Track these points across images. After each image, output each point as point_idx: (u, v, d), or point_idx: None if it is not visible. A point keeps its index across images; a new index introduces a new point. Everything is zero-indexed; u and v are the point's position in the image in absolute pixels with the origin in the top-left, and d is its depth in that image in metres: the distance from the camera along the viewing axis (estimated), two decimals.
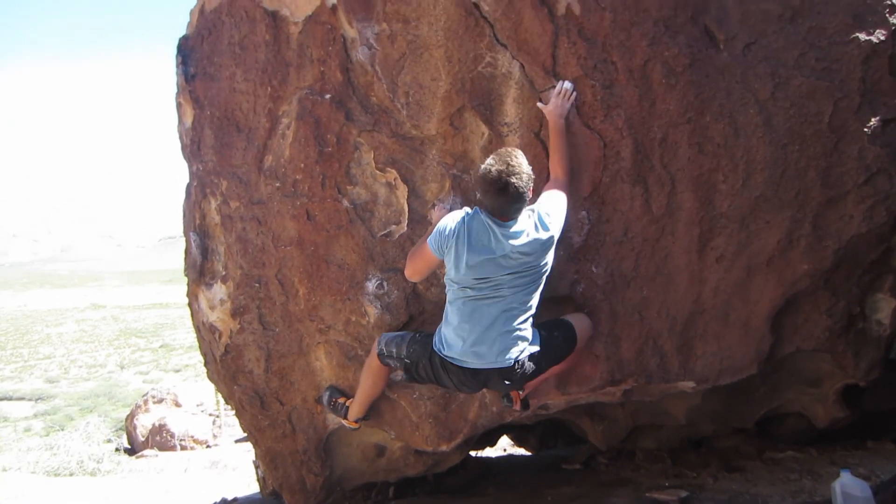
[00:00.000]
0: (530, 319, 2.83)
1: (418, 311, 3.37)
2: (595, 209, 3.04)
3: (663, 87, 2.89)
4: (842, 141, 2.94)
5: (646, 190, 3.01)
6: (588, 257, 3.09)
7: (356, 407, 3.49)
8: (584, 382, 3.29)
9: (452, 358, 2.85)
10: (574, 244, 3.08)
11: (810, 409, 4.19)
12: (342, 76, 3.21)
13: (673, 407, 4.31)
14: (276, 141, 3.42)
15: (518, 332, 2.79)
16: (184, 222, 4.12)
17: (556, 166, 2.90)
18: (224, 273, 3.75)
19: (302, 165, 3.34)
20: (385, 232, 3.30)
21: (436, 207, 3.15)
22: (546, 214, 2.72)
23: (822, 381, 3.92)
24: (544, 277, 2.83)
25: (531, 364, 2.86)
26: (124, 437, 17.81)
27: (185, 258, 4.07)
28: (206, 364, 4.30)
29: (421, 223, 3.23)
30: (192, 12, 3.89)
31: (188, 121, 3.85)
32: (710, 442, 4.96)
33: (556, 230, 2.75)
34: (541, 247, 2.71)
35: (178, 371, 31.71)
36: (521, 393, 3.29)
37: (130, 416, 17.95)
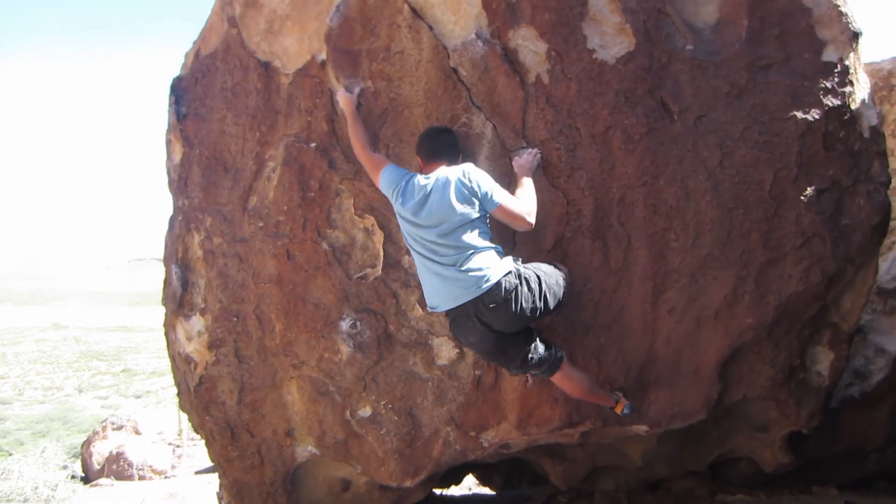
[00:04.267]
0: (483, 247, 2.86)
1: (388, 351, 3.54)
2: (557, 261, 3.27)
3: (622, 153, 3.16)
4: (781, 207, 3.23)
5: (604, 245, 3.25)
6: None
7: (603, 401, 3.33)
8: (544, 423, 3.47)
9: (435, 307, 3.00)
10: None
11: (758, 453, 4.42)
12: (328, 126, 3.43)
13: (630, 449, 4.50)
14: (261, 183, 3.61)
15: (465, 265, 2.83)
16: (165, 253, 4.24)
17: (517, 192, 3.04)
18: (203, 306, 3.88)
19: (285, 207, 3.52)
20: (361, 274, 3.49)
21: None
22: (475, 188, 2.88)
23: (769, 428, 4.15)
24: (474, 224, 2.87)
25: (516, 282, 2.82)
26: (78, 464, 17.29)
27: (165, 289, 4.19)
28: (178, 394, 4.39)
29: (395, 267, 3.44)
30: (187, 54, 4.08)
31: (177, 157, 4.01)
32: (666, 484, 5.14)
33: (482, 195, 2.87)
34: (455, 201, 2.84)
35: (138, 397, 30.91)
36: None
37: (87, 443, 17.45)
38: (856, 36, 3.25)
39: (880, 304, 4.85)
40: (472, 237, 2.87)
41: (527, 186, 3.04)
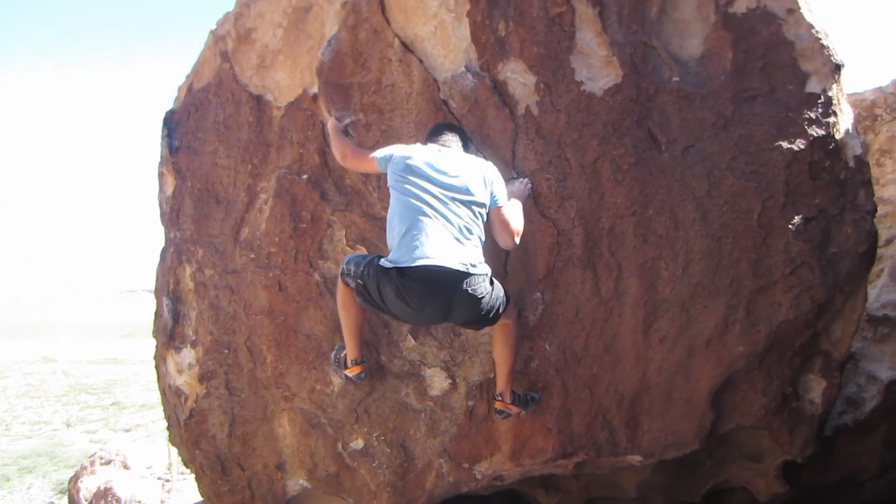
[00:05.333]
0: (479, 245, 2.86)
1: (380, 382, 3.52)
2: (549, 291, 3.28)
3: (611, 183, 3.20)
4: (769, 236, 3.26)
5: (595, 275, 3.26)
6: (542, 335, 3.30)
7: (349, 348, 3.27)
8: (538, 454, 3.44)
9: (406, 264, 2.71)
10: (529, 322, 3.29)
11: (753, 483, 4.38)
12: (319, 159, 3.46)
13: (624, 480, 4.45)
14: (253, 214, 3.63)
15: (465, 241, 2.79)
16: (156, 285, 4.24)
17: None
18: (194, 338, 3.86)
19: (277, 239, 3.54)
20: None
21: None
22: (492, 180, 2.93)
23: (764, 457, 4.12)
24: (480, 218, 2.89)
25: (488, 286, 2.84)
26: (65, 500, 16.91)
27: (156, 321, 4.17)
28: (168, 427, 4.33)
29: None
30: (179, 88, 4.13)
31: (169, 190, 4.03)
32: None
33: (492, 190, 2.92)
34: (476, 178, 2.87)
35: (128, 431, 30.31)
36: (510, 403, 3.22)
37: (74, 479, 17.06)
38: (838, 68, 3.31)
39: (871, 331, 4.87)
40: (479, 218, 2.89)
41: (518, 210, 3.06)
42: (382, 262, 2.83)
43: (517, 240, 2.97)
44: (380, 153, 3.02)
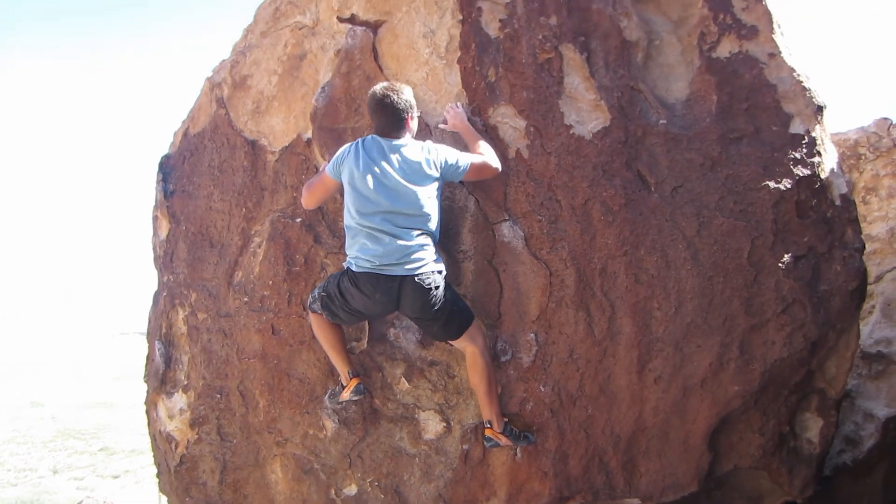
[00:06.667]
0: (428, 243, 2.98)
1: (374, 427, 3.48)
2: (542, 332, 3.28)
3: (602, 224, 3.23)
4: (760, 274, 3.28)
5: (588, 315, 3.27)
6: (536, 377, 3.29)
7: (340, 366, 3.33)
8: (534, 499, 3.38)
9: (361, 267, 2.94)
10: (523, 364, 3.28)
11: None
12: None
13: None
14: (246, 258, 3.64)
15: (417, 245, 2.93)
16: (148, 329, 4.21)
17: (473, 148, 3.13)
18: (186, 383, 3.83)
19: (270, 282, 3.54)
20: (346, 348, 3.46)
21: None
22: (443, 159, 2.98)
23: (763, 498, 4.06)
24: (431, 219, 2.99)
25: (441, 282, 2.98)
26: None
27: (147, 365, 4.13)
28: (158, 474, 4.25)
29: (380, 341, 3.43)
30: (175, 133, 4.19)
31: (163, 233, 4.05)
32: None
33: (448, 166, 2.99)
34: (420, 172, 2.94)
35: (116, 477, 29.58)
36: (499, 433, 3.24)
37: None
38: (820, 109, 3.39)
39: (865, 368, 4.86)
40: (425, 215, 2.96)
41: (476, 140, 3.13)
42: (346, 263, 3.07)
43: (498, 164, 3.11)
44: (330, 164, 3.08)
